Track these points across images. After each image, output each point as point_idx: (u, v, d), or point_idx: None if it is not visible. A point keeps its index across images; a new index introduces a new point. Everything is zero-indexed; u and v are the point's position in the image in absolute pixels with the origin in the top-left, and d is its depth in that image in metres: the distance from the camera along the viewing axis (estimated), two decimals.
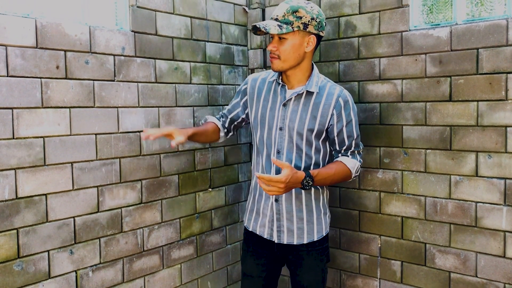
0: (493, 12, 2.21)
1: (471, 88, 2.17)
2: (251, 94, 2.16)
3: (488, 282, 2.18)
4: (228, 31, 2.77)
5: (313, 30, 1.94)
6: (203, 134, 2.20)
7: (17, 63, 1.82)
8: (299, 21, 1.90)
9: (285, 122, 2.02)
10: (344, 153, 2.07)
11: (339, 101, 1.98)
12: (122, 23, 2.23)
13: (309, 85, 1.99)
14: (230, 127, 2.30)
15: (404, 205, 2.41)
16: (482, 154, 2.16)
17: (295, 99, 2.01)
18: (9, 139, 1.82)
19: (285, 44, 1.94)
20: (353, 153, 2.07)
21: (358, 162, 2.07)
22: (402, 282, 2.44)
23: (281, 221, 2.06)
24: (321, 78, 2.06)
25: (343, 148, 2.05)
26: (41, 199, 1.92)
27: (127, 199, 2.25)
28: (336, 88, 2.03)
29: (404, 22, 2.35)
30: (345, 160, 2.04)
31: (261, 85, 2.13)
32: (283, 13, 1.91)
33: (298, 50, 1.96)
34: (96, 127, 2.10)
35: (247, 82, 2.21)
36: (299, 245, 2.07)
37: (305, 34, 1.95)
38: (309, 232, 2.06)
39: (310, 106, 1.99)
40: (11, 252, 1.84)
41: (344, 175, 2.03)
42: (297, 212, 2.05)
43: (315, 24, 1.94)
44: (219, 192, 2.76)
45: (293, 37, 1.93)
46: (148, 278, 2.37)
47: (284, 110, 2.02)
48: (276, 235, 2.08)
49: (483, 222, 2.18)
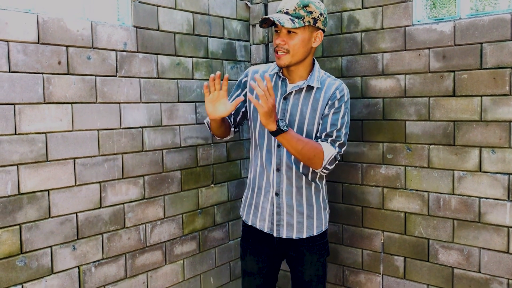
0: (497, 6, 2.19)
1: (474, 83, 2.16)
2: (250, 87, 2.14)
3: (492, 277, 2.18)
4: (230, 26, 2.76)
5: (321, 26, 1.94)
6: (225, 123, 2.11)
7: (19, 58, 1.82)
8: (309, 16, 1.89)
9: (285, 116, 2.01)
10: (324, 139, 1.98)
11: (336, 93, 1.98)
12: (124, 18, 2.22)
13: (311, 80, 1.98)
14: (236, 120, 2.27)
15: (407, 200, 2.40)
16: (486, 150, 2.15)
17: (295, 93, 2.00)
18: (11, 134, 1.82)
19: (294, 39, 1.91)
20: (332, 142, 1.97)
21: (335, 151, 1.95)
22: (405, 277, 2.44)
23: (281, 215, 2.05)
24: (321, 73, 2.05)
25: (323, 134, 1.98)
26: (43, 195, 1.92)
27: (130, 195, 2.25)
28: (335, 81, 2.02)
29: (407, 16, 2.33)
30: (323, 144, 1.95)
31: (262, 78, 2.11)
32: (294, 7, 1.89)
33: (307, 45, 1.94)
34: (98, 123, 2.10)
35: (247, 74, 2.17)
36: (299, 240, 2.06)
37: (313, 30, 1.94)
38: (309, 226, 2.05)
39: (311, 100, 1.98)
40: (14, 248, 1.84)
41: (316, 154, 1.92)
42: (298, 206, 2.04)
43: (322, 19, 1.94)
44: (222, 188, 2.76)
45: (303, 32, 1.91)
46: (150, 273, 2.37)
47: (285, 103, 2.01)
48: (275, 229, 2.07)
49: (487, 218, 2.17)
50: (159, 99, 2.35)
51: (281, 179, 2.03)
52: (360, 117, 2.53)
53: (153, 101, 2.32)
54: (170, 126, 2.42)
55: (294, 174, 2.01)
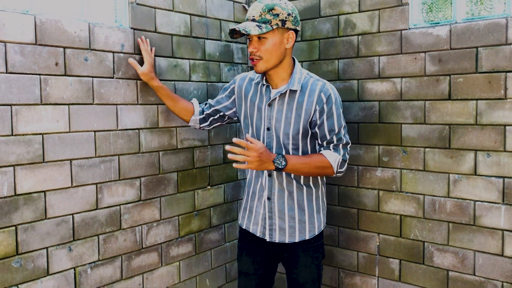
0: (493, 11, 2.21)
1: (470, 87, 2.17)
2: (239, 93, 2.16)
3: (486, 280, 2.19)
4: (227, 28, 2.76)
5: (291, 26, 1.92)
6: (173, 101, 2.26)
7: (16, 59, 1.82)
8: (276, 19, 1.88)
9: (271, 123, 2.01)
10: (326, 147, 2.00)
11: (321, 96, 1.95)
12: (122, 20, 2.23)
13: (291, 84, 1.97)
14: (209, 117, 2.27)
15: (402, 203, 2.41)
16: (481, 153, 2.16)
17: (279, 99, 2.00)
18: (8, 135, 1.81)
19: (265, 44, 1.91)
20: (336, 146, 1.99)
21: (340, 156, 1.98)
22: (400, 280, 2.45)
23: (273, 219, 2.06)
24: (304, 74, 2.02)
25: (325, 142, 2.00)
26: (40, 196, 1.92)
27: (126, 196, 2.25)
28: (318, 83, 1.98)
29: (404, 20, 2.35)
30: (326, 153, 1.97)
31: (248, 86, 2.13)
32: (259, 13, 1.88)
33: (280, 48, 1.94)
34: (95, 124, 2.10)
35: (235, 81, 2.20)
36: (292, 243, 2.07)
37: (284, 31, 1.93)
38: (301, 231, 2.06)
39: (294, 105, 1.98)
40: (9, 249, 1.84)
41: (322, 166, 1.96)
42: (289, 211, 2.04)
43: (291, 19, 1.92)
44: (218, 189, 2.76)
45: (273, 35, 1.90)
46: (146, 275, 2.37)
47: (270, 110, 2.02)
48: (268, 233, 2.08)
49: (482, 221, 2.18)
50: (156, 101, 2.35)
51: (272, 183, 2.03)
52: (356, 120, 2.54)
53: (150, 103, 2.32)
54: (166, 128, 2.42)
55: (285, 179, 2.02)
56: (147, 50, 2.24)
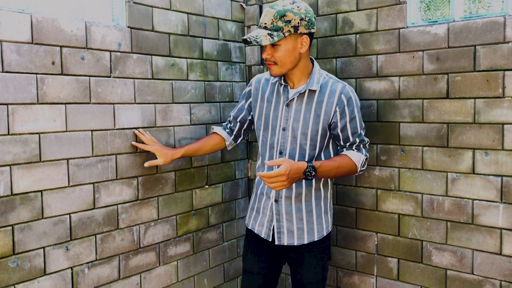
0: (491, 9, 2.21)
1: (468, 85, 2.17)
2: (255, 95, 2.16)
3: (484, 279, 2.19)
4: (225, 27, 2.76)
5: (304, 31, 1.91)
6: (201, 149, 2.27)
7: (12, 58, 1.81)
8: (288, 25, 1.87)
9: (288, 123, 2.01)
10: (349, 148, 2.05)
11: (342, 98, 1.97)
12: (119, 19, 2.22)
13: (310, 83, 1.97)
14: (239, 132, 2.30)
15: (401, 202, 2.41)
16: (479, 152, 2.16)
17: (297, 99, 2.00)
18: (4, 135, 1.81)
19: (279, 51, 1.91)
20: (358, 147, 2.06)
21: (364, 156, 2.05)
22: (398, 279, 2.45)
23: (280, 222, 2.06)
24: (323, 75, 2.03)
25: (348, 144, 2.05)
26: (36, 195, 1.92)
27: (123, 196, 2.24)
28: (338, 84, 2.00)
29: (402, 19, 2.34)
30: (350, 154, 2.02)
31: (265, 86, 2.13)
32: (271, 20, 1.87)
33: (293, 53, 1.93)
34: (92, 124, 2.09)
35: (251, 84, 2.21)
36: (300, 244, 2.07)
37: (297, 36, 1.91)
38: (309, 232, 2.05)
39: (313, 105, 1.98)
40: (6, 249, 1.83)
41: (349, 168, 2.02)
42: (297, 212, 2.04)
43: (305, 24, 1.90)
44: (216, 189, 2.75)
45: (286, 42, 1.90)
46: (144, 275, 2.36)
47: (288, 110, 2.02)
48: (276, 236, 2.07)
49: (480, 220, 2.18)
50: (154, 100, 2.34)
51: None
52: None
53: (147, 102, 2.32)
54: (164, 127, 2.41)
55: None
56: (149, 140, 2.22)
